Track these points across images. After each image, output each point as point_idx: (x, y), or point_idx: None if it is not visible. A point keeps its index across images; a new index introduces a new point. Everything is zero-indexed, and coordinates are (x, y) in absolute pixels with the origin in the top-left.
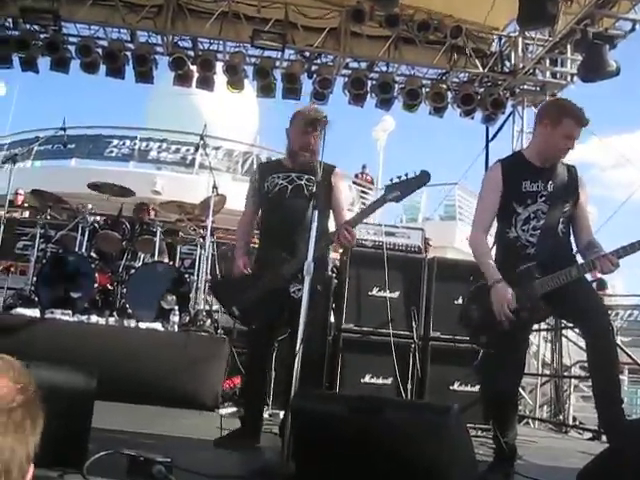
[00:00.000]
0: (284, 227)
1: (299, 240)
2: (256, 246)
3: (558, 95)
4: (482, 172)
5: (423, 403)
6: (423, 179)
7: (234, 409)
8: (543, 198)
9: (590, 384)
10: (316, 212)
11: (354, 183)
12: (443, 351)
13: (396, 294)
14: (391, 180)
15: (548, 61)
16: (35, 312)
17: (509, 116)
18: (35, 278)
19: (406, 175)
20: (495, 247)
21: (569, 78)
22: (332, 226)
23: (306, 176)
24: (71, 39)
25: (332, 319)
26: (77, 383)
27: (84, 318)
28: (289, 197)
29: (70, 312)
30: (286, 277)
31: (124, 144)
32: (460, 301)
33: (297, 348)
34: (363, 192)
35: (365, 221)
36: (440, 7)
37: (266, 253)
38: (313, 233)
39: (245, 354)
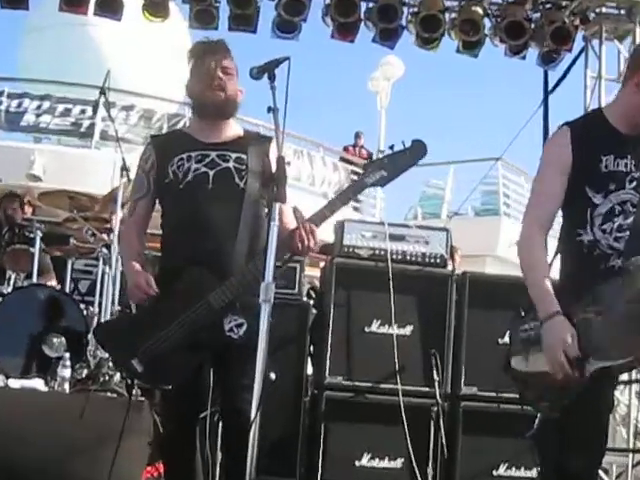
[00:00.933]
0: (206, 235)
1: (231, 252)
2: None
3: None
4: (538, 142)
5: None
6: (417, 153)
7: None
8: (634, 183)
9: None
10: (277, 205)
11: (342, 160)
12: (481, 416)
13: (408, 330)
14: (369, 158)
15: None
16: None
17: (579, 55)
18: None
19: (391, 148)
20: (559, 257)
21: None
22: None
23: (233, 155)
24: None
25: (308, 370)
26: None
27: None
28: (212, 189)
29: None
30: (215, 307)
31: None
32: (507, 339)
33: (252, 417)
34: (356, 173)
35: (361, 219)
36: None
37: (178, 273)
38: (273, 238)
39: None
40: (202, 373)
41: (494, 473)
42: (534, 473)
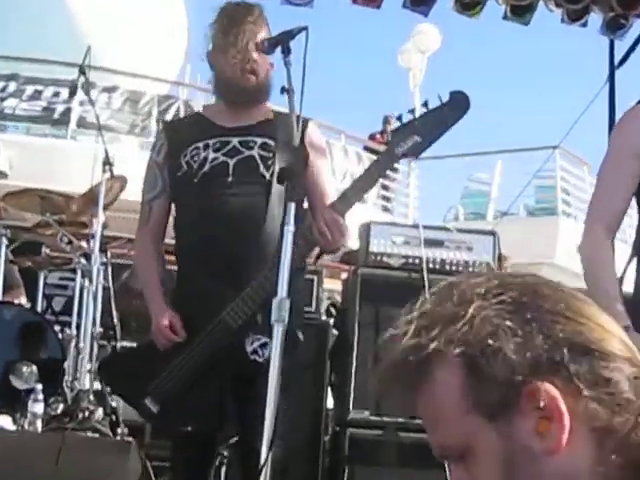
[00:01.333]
0: (224, 238)
1: (252, 260)
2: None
3: None
4: (603, 127)
5: None
6: (458, 108)
7: None
8: None
9: None
10: (292, 205)
11: (366, 149)
12: None
13: None
14: (400, 119)
15: None
16: None
17: None
18: None
19: (425, 105)
20: (634, 265)
21: None
22: None
23: (259, 140)
24: None
25: (329, 403)
26: None
27: None
28: (233, 182)
29: None
30: (233, 326)
31: None
32: None
33: (263, 458)
34: None
35: (392, 220)
36: None
37: (192, 286)
38: (288, 246)
39: (168, 471)
40: (224, 407)
41: None
42: None
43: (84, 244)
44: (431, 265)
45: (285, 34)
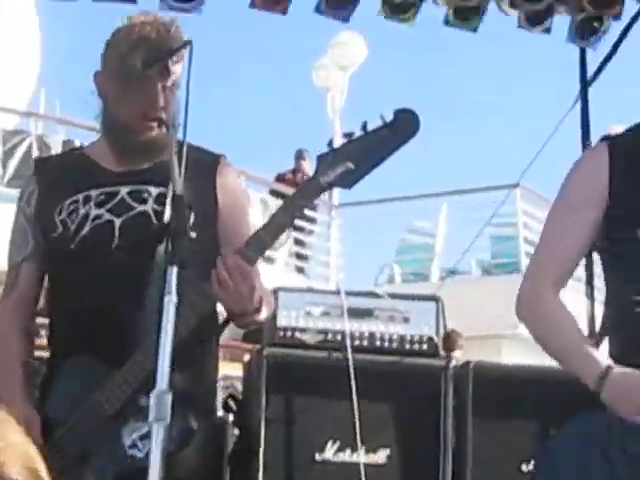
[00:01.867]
0: (110, 314)
1: (145, 340)
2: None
3: None
4: (571, 154)
5: None
6: (404, 129)
7: None
8: None
9: None
10: (174, 269)
11: (274, 194)
12: None
13: (381, 456)
14: (330, 144)
15: None
16: None
17: (632, 23)
18: None
19: (364, 128)
20: (608, 330)
21: None
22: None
23: (154, 190)
24: None
25: None
26: None
27: None
28: (119, 246)
29: None
30: (108, 411)
31: None
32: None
33: None
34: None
35: (304, 284)
36: None
37: (60, 376)
38: (169, 321)
39: None
40: None
41: None
42: None
43: None
44: (357, 342)
45: (165, 51)
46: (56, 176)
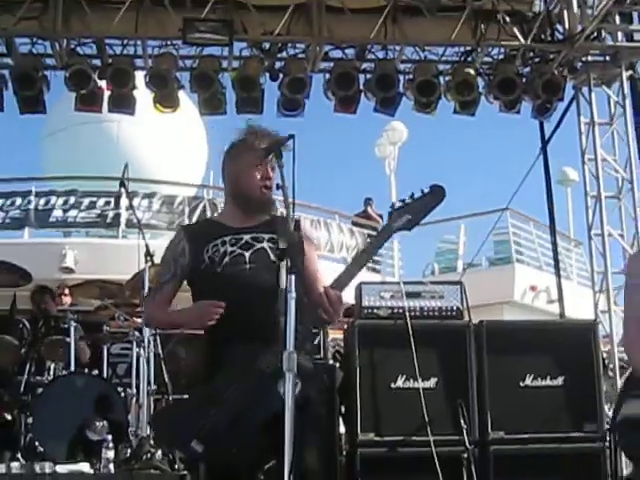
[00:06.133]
0: (250, 313)
1: (274, 328)
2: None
3: None
4: (539, 186)
5: None
6: (437, 196)
7: None
8: None
9: None
10: (292, 277)
11: (354, 224)
12: (510, 459)
13: (432, 382)
14: (392, 207)
15: (618, 17)
16: None
17: (570, 103)
18: None
19: (412, 196)
20: None
21: None
22: None
23: (266, 235)
24: None
25: (341, 429)
26: None
27: None
28: (250, 269)
29: None
30: (267, 372)
31: (13, 204)
32: (529, 381)
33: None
34: (372, 236)
35: (381, 279)
36: None
37: (225, 354)
38: (291, 308)
39: None
40: (262, 442)
41: None
42: None
43: (137, 320)
44: (412, 313)
45: (275, 144)
46: (199, 233)
